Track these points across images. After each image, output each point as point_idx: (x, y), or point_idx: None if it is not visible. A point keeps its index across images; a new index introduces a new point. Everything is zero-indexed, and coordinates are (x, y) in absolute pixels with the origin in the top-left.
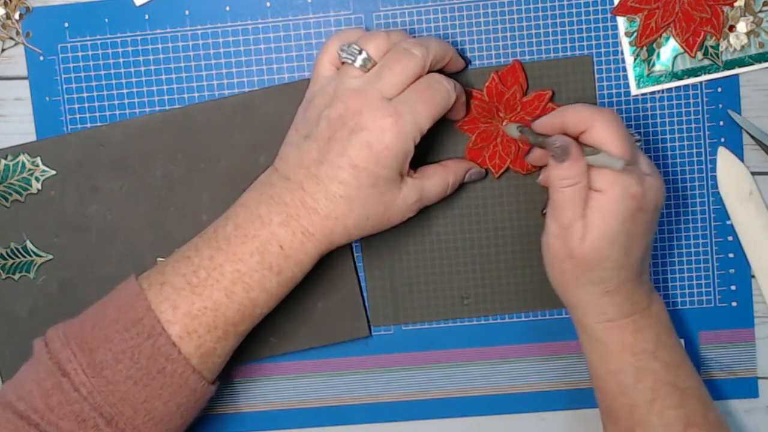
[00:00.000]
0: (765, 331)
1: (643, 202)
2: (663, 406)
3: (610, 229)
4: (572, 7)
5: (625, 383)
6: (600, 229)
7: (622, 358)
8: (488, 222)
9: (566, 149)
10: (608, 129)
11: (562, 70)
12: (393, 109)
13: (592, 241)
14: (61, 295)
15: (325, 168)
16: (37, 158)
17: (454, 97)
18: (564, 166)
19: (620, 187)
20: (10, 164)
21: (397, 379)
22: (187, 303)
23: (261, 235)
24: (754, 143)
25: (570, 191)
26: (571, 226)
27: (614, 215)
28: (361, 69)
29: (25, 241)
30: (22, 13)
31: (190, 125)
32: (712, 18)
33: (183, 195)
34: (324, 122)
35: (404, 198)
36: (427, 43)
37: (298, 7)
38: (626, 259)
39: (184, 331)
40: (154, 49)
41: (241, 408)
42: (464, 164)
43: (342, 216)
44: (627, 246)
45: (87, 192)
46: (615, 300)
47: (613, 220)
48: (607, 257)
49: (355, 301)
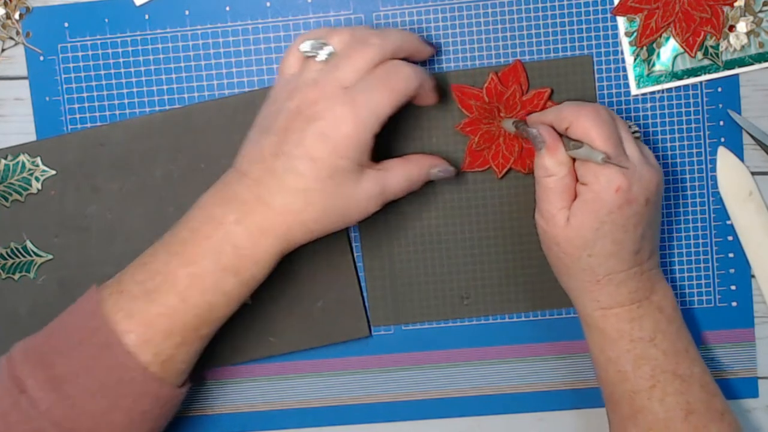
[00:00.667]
0: (765, 331)
1: (629, 195)
2: (664, 393)
3: (592, 219)
4: (572, 7)
5: (624, 370)
6: (581, 220)
7: (619, 345)
8: (488, 222)
9: (539, 138)
10: (590, 122)
11: (562, 70)
12: (349, 97)
13: (573, 230)
14: (61, 295)
15: (282, 160)
16: (37, 158)
17: (417, 82)
18: (542, 156)
19: (604, 180)
20: (10, 164)
21: (397, 379)
22: (142, 310)
23: (215, 236)
24: (754, 143)
25: (551, 181)
26: (557, 215)
27: (598, 207)
28: (323, 63)
29: (25, 241)
30: (22, 12)
31: (190, 125)
32: (712, 18)
33: (183, 195)
34: (282, 114)
35: (365, 191)
36: (386, 32)
37: (298, 7)
38: (615, 248)
39: (141, 339)
40: (154, 49)
41: (240, 408)
42: (428, 159)
43: (298, 210)
44: (614, 236)
45: (87, 192)
46: (607, 289)
47: (597, 212)
48: (592, 246)
49: (355, 301)
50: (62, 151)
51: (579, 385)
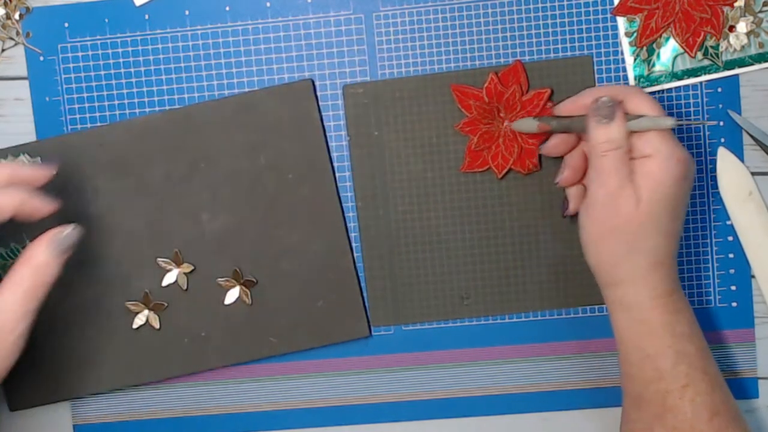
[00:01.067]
0: (765, 331)
1: (688, 168)
2: (695, 392)
3: (662, 191)
4: (572, 7)
5: (663, 368)
6: (654, 192)
7: (663, 340)
8: (488, 222)
9: (614, 107)
10: (646, 97)
11: (562, 71)
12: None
13: (646, 205)
14: (61, 295)
15: None
16: (37, 158)
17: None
18: (610, 128)
19: (668, 150)
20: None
21: (397, 379)
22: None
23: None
24: (754, 143)
25: (614, 155)
26: (623, 191)
27: (665, 178)
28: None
29: (25, 241)
30: (22, 13)
31: (190, 125)
32: (712, 18)
33: (183, 195)
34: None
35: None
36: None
37: (298, 7)
38: (673, 226)
39: None
40: (154, 49)
41: (245, 408)
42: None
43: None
44: (675, 213)
45: (87, 192)
46: (663, 272)
47: (665, 183)
48: (660, 222)
49: (355, 301)
50: (62, 151)
51: (582, 386)
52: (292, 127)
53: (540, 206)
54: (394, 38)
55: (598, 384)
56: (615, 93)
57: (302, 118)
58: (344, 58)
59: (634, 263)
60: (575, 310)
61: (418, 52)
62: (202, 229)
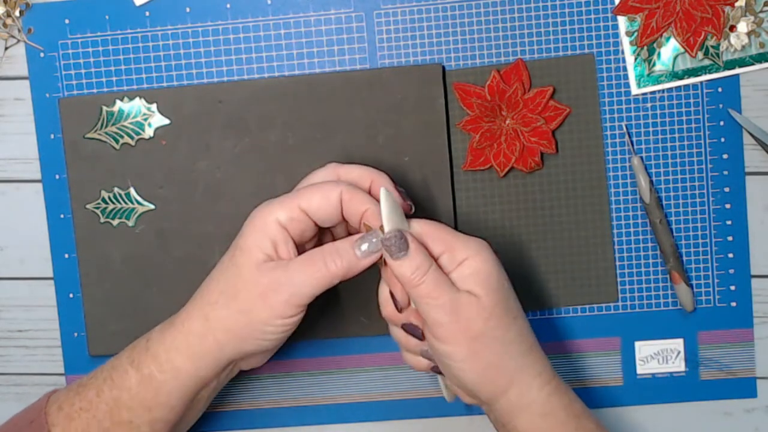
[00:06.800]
0: (764, 331)
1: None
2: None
3: (495, 279)
4: (573, 6)
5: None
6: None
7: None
8: (489, 221)
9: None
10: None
11: (563, 69)
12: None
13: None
14: (157, 247)
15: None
16: (153, 104)
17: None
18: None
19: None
20: (125, 107)
21: (397, 378)
22: (69, 403)
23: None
24: (754, 143)
25: (429, 276)
26: (459, 298)
27: (491, 267)
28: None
29: (129, 188)
30: (22, 9)
31: (314, 94)
32: (712, 18)
33: (295, 163)
34: None
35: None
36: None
37: (298, 5)
38: (518, 305)
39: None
40: (154, 46)
41: (242, 406)
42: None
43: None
44: (512, 292)
45: (199, 147)
46: (539, 354)
47: (493, 272)
48: (508, 306)
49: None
50: (179, 101)
51: (577, 384)
52: (415, 109)
53: (541, 205)
54: (395, 36)
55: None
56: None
57: (427, 101)
58: (345, 56)
59: (511, 357)
60: (573, 309)
61: (419, 50)
62: None
